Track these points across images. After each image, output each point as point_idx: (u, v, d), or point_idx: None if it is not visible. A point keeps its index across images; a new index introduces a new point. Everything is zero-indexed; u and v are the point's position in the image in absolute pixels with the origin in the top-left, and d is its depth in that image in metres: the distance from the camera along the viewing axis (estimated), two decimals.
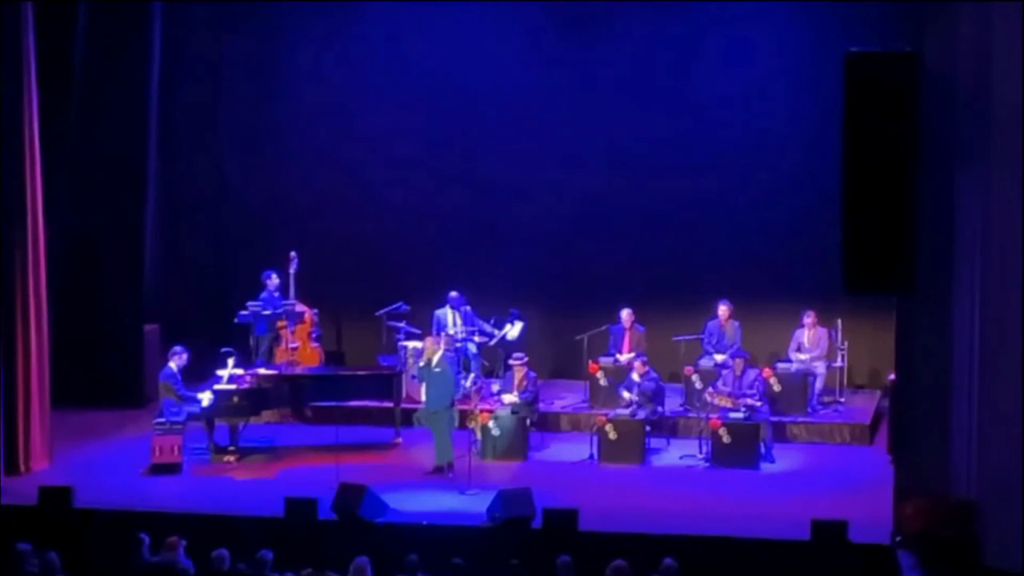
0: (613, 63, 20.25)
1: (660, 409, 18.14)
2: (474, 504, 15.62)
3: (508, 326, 19.54)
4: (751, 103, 19.86)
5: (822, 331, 19.03)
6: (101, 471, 17.02)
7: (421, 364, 17.42)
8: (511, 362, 18.31)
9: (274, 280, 19.48)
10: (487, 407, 17.84)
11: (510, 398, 18.01)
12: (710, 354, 19.18)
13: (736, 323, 19.25)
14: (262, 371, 18.48)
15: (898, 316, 14.61)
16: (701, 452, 17.51)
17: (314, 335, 19.71)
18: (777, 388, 18.47)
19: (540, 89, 20.42)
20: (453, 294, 19.44)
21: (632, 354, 19.02)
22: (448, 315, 19.44)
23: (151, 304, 20.21)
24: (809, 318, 19.00)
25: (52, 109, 18.07)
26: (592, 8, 20.14)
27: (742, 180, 19.96)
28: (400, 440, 18.16)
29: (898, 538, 13.98)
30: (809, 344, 19.00)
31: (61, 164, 18.83)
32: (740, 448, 17.17)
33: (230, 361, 17.84)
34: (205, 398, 17.50)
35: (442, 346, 17.49)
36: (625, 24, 20.12)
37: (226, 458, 17.44)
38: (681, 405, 18.88)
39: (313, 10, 20.54)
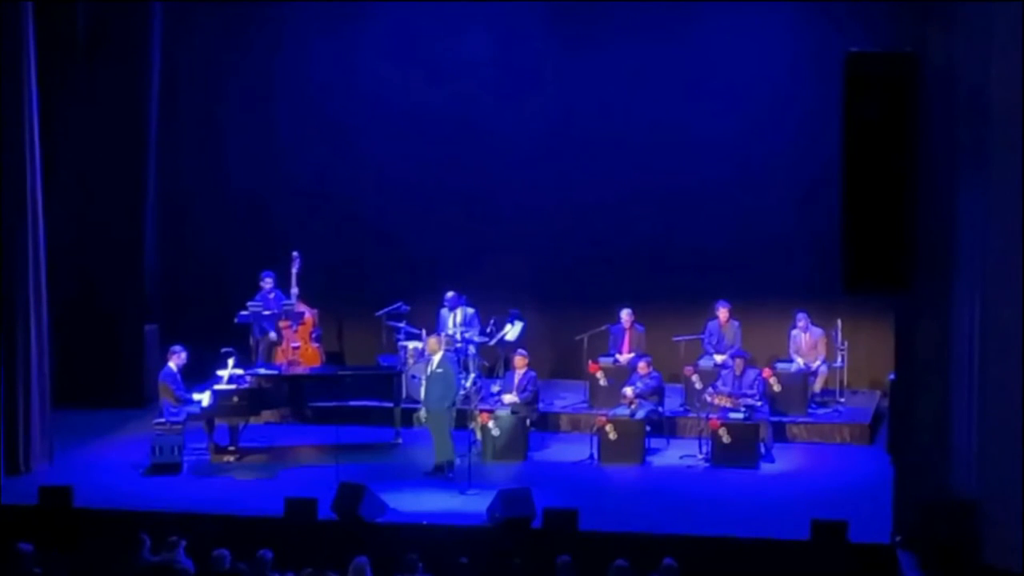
0: (612, 66, 20.21)
1: (660, 409, 18.15)
2: (474, 504, 15.63)
3: (508, 326, 19.55)
4: (752, 106, 19.82)
5: (817, 331, 19.02)
6: (101, 471, 17.04)
7: (427, 373, 17.36)
8: (515, 354, 18.28)
9: (268, 282, 19.50)
10: (487, 407, 17.85)
11: (510, 398, 18.03)
12: (710, 354, 19.19)
13: (736, 323, 19.26)
14: (262, 371, 18.50)
15: (898, 316, 14.62)
16: (701, 452, 17.52)
17: (315, 335, 19.72)
18: (777, 388, 18.48)
19: (539, 91, 20.38)
20: (449, 294, 19.45)
21: (632, 354, 19.05)
22: (447, 316, 19.46)
23: (151, 304, 20.25)
24: (802, 321, 19.00)
25: (52, 109, 18.10)
26: (591, 10, 20.13)
27: (743, 182, 19.94)
28: (400, 440, 18.17)
29: (898, 538, 13.98)
30: (806, 347, 18.99)
31: (61, 164, 18.85)
32: (740, 448, 17.18)
33: (230, 361, 17.85)
34: (204, 398, 17.51)
35: (443, 346, 17.49)
36: (624, 26, 20.10)
37: (226, 458, 17.45)
38: (681, 405, 18.88)
39: (315, 10, 20.53)
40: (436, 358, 17.21)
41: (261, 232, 20.86)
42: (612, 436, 17.47)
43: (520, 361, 18.23)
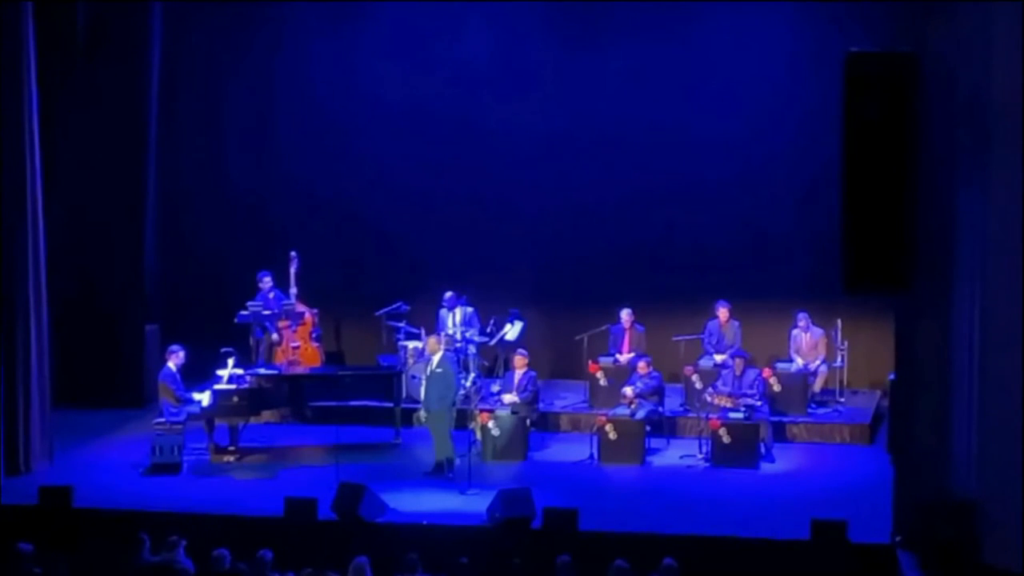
0: (612, 66, 20.21)
1: (660, 409, 18.14)
2: (474, 504, 15.63)
3: (508, 326, 19.55)
4: (752, 106, 19.81)
5: (817, 331, 19.02)
6: (101, 471, 17.04)
7: (427, 372, 17.35)
8: (515, 354, 18.29)
9: (267, 282, 19.51)
10: (487, 407, 17.85)
11: (510, 398, 18.03)
12: (710, 354, 19.19)
13: (736, 323, 19.26)
14: (262, 371, 18.51)
15: (898, 316, 14.61)
16: (701, 452, 17.52)
17: (314, 335, 19.72)
18: (777, 388, 18.48)
19: (539, 91, 20.37)
20: (448, 294, 19.46)
21: (632, 354, 19.05)
22: (447, 316, 19.47)
23: (151, 304, 20.25)
24: (803, 318, 19.01)
25: (52, 109, 18.09)
26: (590, 10, 20.12)
27: (743, 181, 19.94)
28: (400, 440, 18.16)
29: (898, 538, 13.98)
30: (807, 347, 18.99)
31: (61, 164, 18.84)
32: (740, 448, 17.17)
33: (230, 361, 17.85)
34: (204, 398, 17.51)
35: (442, 346, 17.49)
36: (623, 27, 20.10)
37: (226, 458, 17.45)
38: (681, 405, 18.88)
39: (315, 10, 20.53)
40: (436, 358, 17.20)
41: (261, 232, 20.86)
42: (612, 436, 17.46)
43: (520, 361, 18.23)
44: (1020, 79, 12.65)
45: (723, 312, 19.23)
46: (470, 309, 19.56)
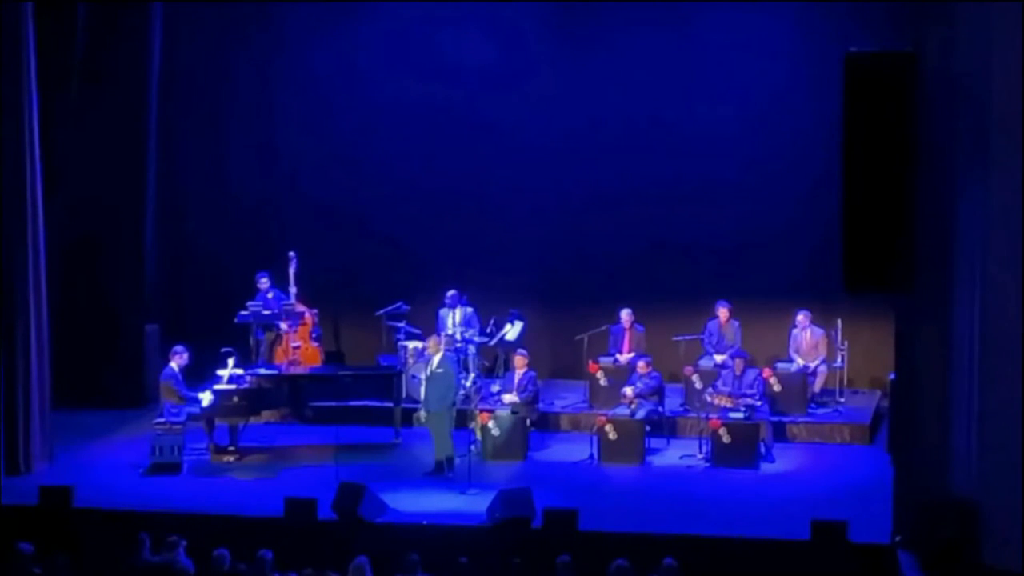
0: (612, 66, 20.21)
1: (660, 409, 18.14)
2: (474, 504, 15.63)
3: (508, 326, 19.55)
4: (752, 106, 19.82)
5: (818, 331, 19.02)
6: (101, 471, 17.04)
7: (427, 373, 17.35)
8: (515, 354, 18.30)
9: (264, 283, 19.51)
10: (487, 407, 17.85)
11: (510, 398, 18.03)
12: (710, 354, 19.18)
13: (736, 323, 19.26)
14: (262, 371, 18.51)
15: (898, 316, 14.61)
16: (701, 452, 17.52)
17: (314, 335, 19.72)
18: (777, 388, 18.48)
19: (539, 90, 20.38)
20: (450, 293, 19.47)
21: (632, 354, 19.05)
22: (447, 315, 19.47)
23: (151, 304, 20.24)
24: (803, 318, 18.99)
25: (52, 109, 18.09)
26: (591, 10, 20.12)
27: (743, 181, 19.93)
28: (400, 440, 18.17)
29: (898, 538, 13.98)
30: (807, 347, 18.98)
31: (61, 164, 18.84)
32: (740, 448, 17.17)
33: (230, 361, 17.86)
34: (205, 398, 17.51)
35: (443, 346, 17.49)
36: (623, 26, 20.10)
37: (226, 458, 17.45)
38: (681, 405, 18.88)
39: (315, 11, 20.54)
40: (436, 358, 17.21)
41: (261, 232, 20.86)
42: (612, 436, 17.46)
43: (520, 361, 18.25)
44: (1020, 79, 12.65)
45: (723, 312, 19.23)
46: (469, 309, 19.57)
